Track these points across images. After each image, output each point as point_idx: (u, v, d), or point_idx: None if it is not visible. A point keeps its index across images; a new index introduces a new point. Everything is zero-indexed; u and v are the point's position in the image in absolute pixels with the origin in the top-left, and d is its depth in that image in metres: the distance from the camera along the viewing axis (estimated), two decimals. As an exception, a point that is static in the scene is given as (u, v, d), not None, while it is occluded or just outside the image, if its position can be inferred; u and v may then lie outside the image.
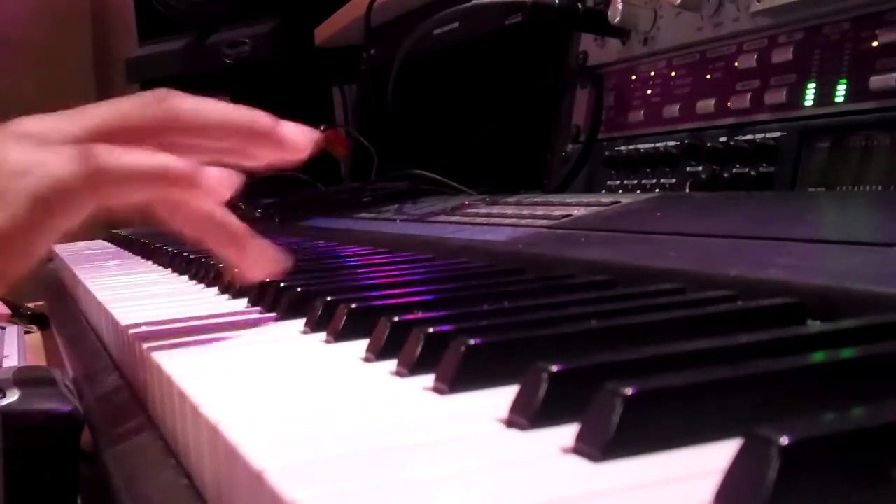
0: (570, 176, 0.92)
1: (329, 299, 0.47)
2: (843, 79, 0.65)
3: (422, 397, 0.32)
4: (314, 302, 0.48)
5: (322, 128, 1.44)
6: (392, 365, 0.36)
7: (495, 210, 0.80)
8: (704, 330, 0.33)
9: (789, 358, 0.26)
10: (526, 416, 0.27)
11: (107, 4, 2.23)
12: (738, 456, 0.20)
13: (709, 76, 0.79)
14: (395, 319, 0.39)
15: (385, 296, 0.48)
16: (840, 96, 0.65)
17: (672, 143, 0.81)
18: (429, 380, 0.33)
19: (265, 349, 0.45)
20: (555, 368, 0.27)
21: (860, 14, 0.65)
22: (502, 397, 0.29)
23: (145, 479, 0.37)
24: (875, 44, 0.63)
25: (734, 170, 0.73)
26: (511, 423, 0.28)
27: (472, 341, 0.32)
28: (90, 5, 2.22)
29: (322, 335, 0.45)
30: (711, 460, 0.21)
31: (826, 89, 0.67)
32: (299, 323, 0.48)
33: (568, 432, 0.25)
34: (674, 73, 0.83)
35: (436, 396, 0.32)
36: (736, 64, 0.75)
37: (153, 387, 0.44)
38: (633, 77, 0.89)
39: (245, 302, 0.59)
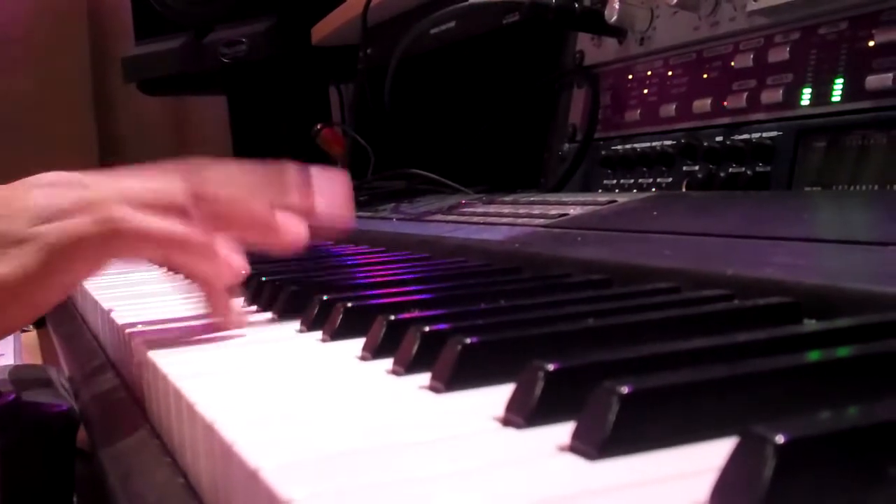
0: (566, 175, 0.92)
1: (325, 298, 0.47)
2: (840, 78, 0.65)
3: (418, 396, 0.32)
4: (310, 301, 0.48)
5: (318, 127, 1.44)
6: (388, 364, 0.36)
7: (492, 209, 0.80)
8: (700, 329, 0.33)
9: (785, 357, 0.27)
10: (522, 414, 0.27)
11: (103, 3, 2.22)
12: (733, 454, 0.20)
13: (705, 75, 0.79)
14: (392, 318, 0.39)
15: (381, 295, 0.48)
16: (836, 96, 0.65)
17: (668, 142, 0.81)
18: (425, 378, 0.33)
19: (261, 348, 0.45)
20: (551, 367, 0.27)
21: (856, 14, 0.65)
22: (498, 396, 0.29)
23: (141, 477, 0.37)
24: (871, 43, 0.63)
25: (730, 169, 0.73)
26: (507, 421, 0.28)
27: (468, 340, 0.32)
28: (87, 4, 2.22)
29: (318, 334, 0.45)
30: (707, 459, 0.21)
31: (822, 89, 0.67)
32: (295, 322, 0.48)
33: (564, 431, 0.25)
34: (670, 73, 0.83)
35: (432, 395, 0.32)
36: (732, 63, 0.75)
37: (149, 385, 0.44)
38: (630, 76, 0.89)
39: (241, 301, 0.59)
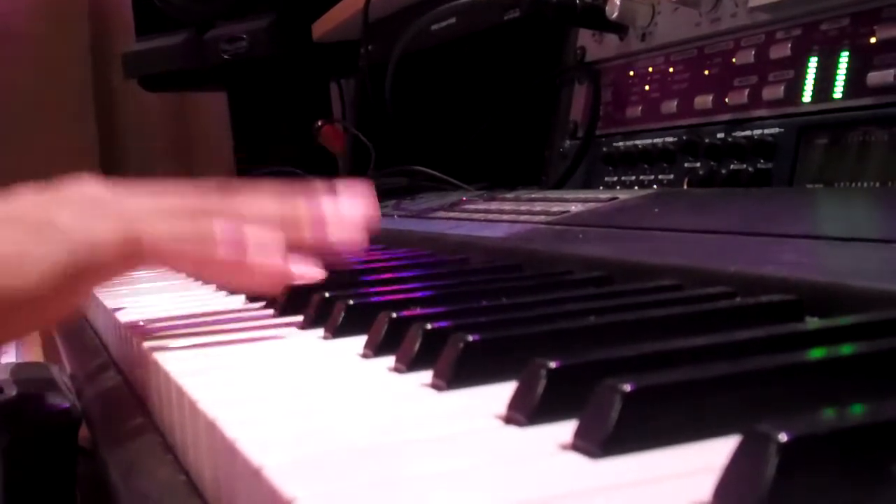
0: (567, 172, 0.92)
1: (327, 295, 0.47)
2: (841, 75, 0.65)
3: (420, 393, 0.32)
4: (312, 298, 0.48)
5: (319, 123, 1.44)
6: (390, 361, 0.36)
7: (493, 206, 0.80)
8: (703, 326, 0.33)
9: (788, 355, 0.26)
10: (524, 412, 0.27)
11: (104, -1, 2.23)
12: (736, 452, 0.20)
13: (707, 72, 0.79)
14: (393, 315, 0.39)
15: (383, 292, 0.48)
16: (838, 92, 0.65)
17: (670, 139, 0.81)
18: (427, 376, 0.33)
19: (263, 345, 0.45)
20: (553, 365, 0.27)
21: (858, 10, 0.65)
22: (500, 394, 0.29)
23: (143, 475, 0.37)
24: (873, 40, 0.63)
25: (732, 166, 0.73)
26: (509, 419, 0.28)
27: (470, 338, 0.32)
28: (87, 0, 2.22)
29: (320, 331, 0.45)
30: (710, 457, 0.21)
31: (824, 85, 0.67)
32: (297, 319, 0.48)
33: (566, 429, 0.25)
34: (671, 69, 0.83)
35: (434, 393, 0.32)
36: (734, 60, 0.75)
37: (151, 383, 0.44)
38: (631, 73, 0.89)
39: (243, 299, 0.59)
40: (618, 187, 0.86)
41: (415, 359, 0.35)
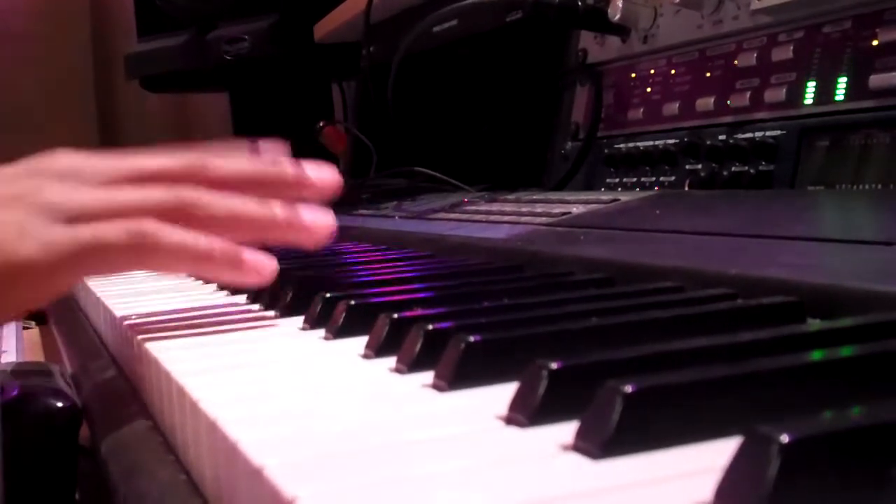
0: (569, 174, 0.92)
1: (328, 296, 0.47)
2: (843, 77, 0.65)
3: (421, 394, 0.32)
4: (313, 298, 0.48)
5: (321, 124, 1.44)
6: (391, 362, 0.36)
7: (494, 207, 0.80)
8: (704, 328, 0.33)
9: (789, 356, 0.26)
10: (525, 413, 0.27)
11: (106, 0, 2.22)
12: (738, 454, 0.20)
13: (708, 74, 0.79)
14: (395, 316, 0.39)
15: (384, 293, 0.48)
16: (840, 95, 0.65)
17: (671, 141, 0.81)
18: (428, 377, 0.33)
19: (264, 345, 0.45)
20: (554, 366, 0.27)
21: (860, 13, 0.65)
22: (502, 395, 0.29)
23: (144, 474, 0.37)
24: (875, 42, 0.63)
25: (733, 168, 0.73)
26: (510, 420, 0.28)
27: (471, 338, 0.32)
28: (89, 1, 2.22)
29: (321, 332, 0.45)
30: (711, 458, 0.21)
31: (826, 88, 0.67)
32: (298, 319, 0.48)
33: (567, 430, 0.25)
34: (673, 71, 0.83)
35: (435, 393, 0.32)
36: (736, 62, 0.75)
37: (152, 382, 0.44)
38: (633, 75, 0.89)
39: (244, 298, 0.59)
40: (619, 189, 0.86)
41: (416, 359, 0.35)
